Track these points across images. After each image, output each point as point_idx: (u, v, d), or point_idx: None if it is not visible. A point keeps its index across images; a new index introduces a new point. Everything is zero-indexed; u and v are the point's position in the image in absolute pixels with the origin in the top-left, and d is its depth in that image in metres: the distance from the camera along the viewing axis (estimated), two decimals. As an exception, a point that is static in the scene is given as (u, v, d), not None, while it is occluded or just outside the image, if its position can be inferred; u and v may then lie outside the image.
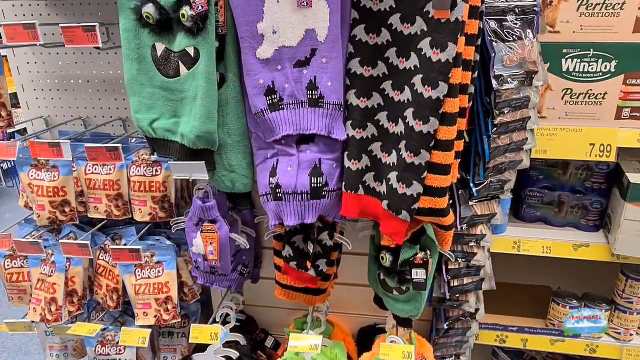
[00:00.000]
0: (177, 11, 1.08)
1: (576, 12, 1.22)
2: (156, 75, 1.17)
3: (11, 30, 1.12)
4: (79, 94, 1.60)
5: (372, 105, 1.13)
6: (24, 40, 1.13)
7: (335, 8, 1.06)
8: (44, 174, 1.44)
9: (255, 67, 1.11)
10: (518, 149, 1.25)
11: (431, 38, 0.98)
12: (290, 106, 1.13)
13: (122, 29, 1.15)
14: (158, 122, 1.20)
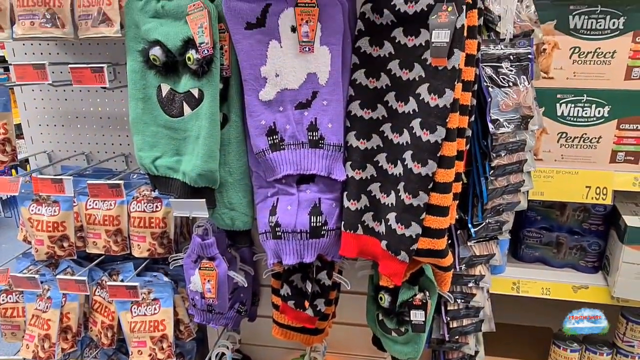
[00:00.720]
0: (184, 54, 1.11)
1: (569, 59, 1.26)
2: (160, 115, 1.20)
3: (21, 70, 1.15)
4: (82, 130, 1.63)
5: (371, 147, 1.15)
6: (33, 79, 1.16)
7: (336, 53, 1.10)
8: (45, 208, 1.45)
9: (258, 108, 1.14)
10: (515, 191, 1.27)
11: (429, 84, 1.01)
12: (291, 147, 1.15)
13: (129, 70, 1.18)
14: (160, 160, 1.22)
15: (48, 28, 1.18)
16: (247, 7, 1.07)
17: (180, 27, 1.10)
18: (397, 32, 1.06)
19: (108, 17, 1.16)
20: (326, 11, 1.06)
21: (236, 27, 1.08)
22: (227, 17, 1.08)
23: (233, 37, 1.09)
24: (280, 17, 1.08)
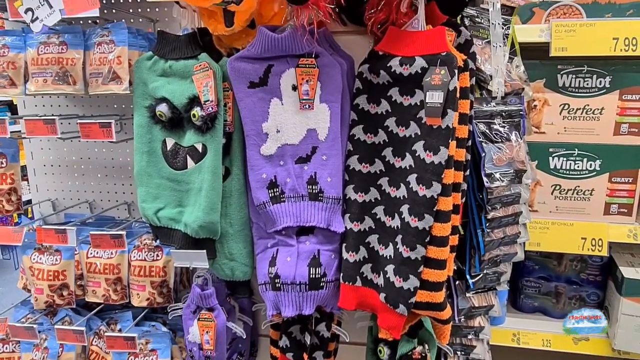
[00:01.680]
0: (189, 111, 1.16)
1: (559, 115, 1.31)
2: (164, 167, 1.23)
3: (32, 124, 1.20)
4: (86, 178, 1.66)
5: (369, 200, 1.18)
6: (43, 133, 1.20)
7: (335, 110, 1.14)
8: (46, 257, 1.46)
9: (259, 162, 1.18)
10: (512, 242, 1.29)
11: (424, 141, 1.05)
12: (291, 199, 1.18)
13: (136, 125, 1.23)
14: (163, 211, 1.25)
15: (60, 85, 1.23)
16: (251, 68, 1.12)
17: (187, 85, 1.16)
18: (393, 91, 1.11)
19: (118, 75, 1.21)
20: (326, 71, 1.12)
21: (240, 86, 1.13)
22: (231, 76, 1.13)
23: (236, 95, 1.14)
24: (282, 77, 1.13)
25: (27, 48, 1.24)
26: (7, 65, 1.24)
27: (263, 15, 1.14)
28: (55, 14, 1.11)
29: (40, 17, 1.12)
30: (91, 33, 1.24)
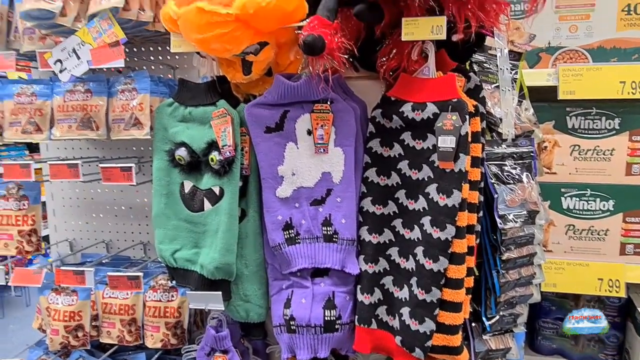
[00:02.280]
0: (207, 155, 1.20)
1: (570, 156, 1.33)
2: (182, 210, 1.26)
3: (55, 168, 1.24)
4: (103, 219, 1.70)
5: (383, 241, 1.19)
6: (66, 177, 1.24)
7: (349, 154, 1.17)
8: (63, 297, 1.48)
9: (275, 204, 1.20)
10: (527, 283, 1.28)
11: (437, 184, 1.07)
12: (306, 241, 1.20)
13: (155, 168, 1.26)
14: (179, 253, 1.27)
15: (84, 130, 1.28)
16: (268, 113, 1.16)
17: (205, 130, 1.20)
18: (405, 135, 1.14)
19: (139, 121, 1.26)
20: (340, 116, 1.15)
21: (257, 131, 1.17)
22: (248, 122, 1.17)
23: (253, 139, 1.18)
24: (297, 122, 1.17)
25: (54, 96, 1.30)
26: (35, 112, 1.30)
27: (279, 63, 1.19)
28: (83, 65, 1.18)
29: (69, 68, 1.19)
30: (115, 81, 1.30)
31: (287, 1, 1.01)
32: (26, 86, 1.31)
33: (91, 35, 1.15)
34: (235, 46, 1.05)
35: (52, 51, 1.19)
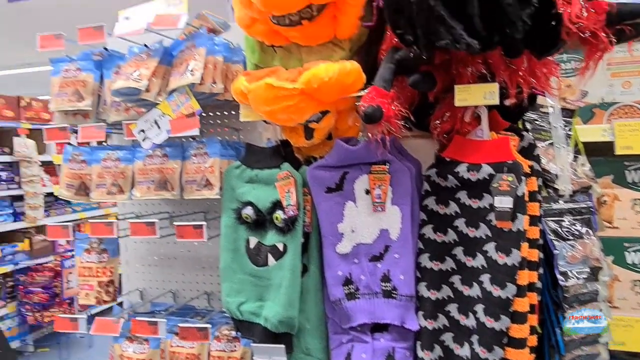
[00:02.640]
0: (271, 214, 1.29)
1: (631, 210, 1.31)
2: (247, 264, 1.34)
3: (135, 226, 1.36)
4: (171, 269, 1.81)
5: (442, 297, 1.21)
6: (144, 234, 1.36)
7: (406, 212, 1.22)
8: (135, 345, 1.58)
9: (335, 260, 1.26)
10: (594, 342, 1.25)
11: (496, 243, 1.09)
12: (366, 296, 1.24)
13: (223, 225, 1.36)
14: (245, 305, 1.34)
15: (160, 191, 1.41)
16: (328, 175, 1.24)
17: (270, 191, 1.29)
18: (461, 194, 1.18)
19: (210, 182, 1.38)
20: (396, 176, 1.22)
21: (318, 191, 1.25)
22: (310, 183, 1.26)
23: (315, 199, 1.26)
24: (355, 182, 1.24)
25: (135, 160, 1.45)
26: (118, 176, 1.45)
27: (339, 128, 1.27)
28: (162, 134, 1.31)
29: (150, 137, 1.33)
30: (188, 146, 1.43)
31: (347, 75, 1.11)
32: (112, 152, 1.47)
33: (171, 107, 1.30)
34: (300, 116, 1.15)
35: (137, 122, 1.34)
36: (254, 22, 1.25)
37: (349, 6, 1.18)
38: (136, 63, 1.34)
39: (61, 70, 1.50)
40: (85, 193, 1.50)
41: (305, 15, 1.17)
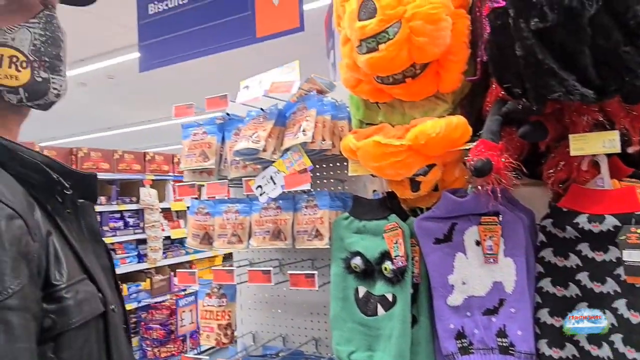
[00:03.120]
0: (380, 264, 1.32)
1: None
2: (356, 313, 1.38)
3: (253, 274, 1.47)
4: (282, 314, 1.90)
5: (566, 356, 1.13)
6: (261, 281, 1.47)
7: (521, 264, 1.18)
8: (250, 388, 1.66)
9: (446, 312, 1.24)
10: None
11: (627, 300, 1.01)
12: (480, 351, 1.20)
13: (333, 274, 1.42)
14: (355, 354, 1.36)
15: (274, 241, 1.52)
16: (436, 226, 1.26)
17: (378, 242, 1.33)
18: (582, 246, 1.12)
19: (320, 232, 1.46)
20: (508, 227, 1.19)
21: (426, 242, 1.27)
22: (418, 234, 1.27)
23: (423, 250, 1.27)
24: (465, 234, 1.23)
25: (252, 213, 1.58)
26: (237, 226, 1.59)
27: (445, 180, 1.29)
28: (277, 189, 1.43)
29: (267, 192, 1.45)
30: (299, 199, 1.54)
31: (454, 130, 1.14)
32: (232, 205, 1.62)
33: (285, 165, 1.41)
34: (408, 171, 1.19)
35: (254, 179, 1.47)
36: (359, 83, 1.34)
37: (452, 62, 1.22)
38: (254, 125, 1.50)
39: (190, 134, 1.72)
40: (209, 242, 1.66)
41: (408, 73, 1.23)
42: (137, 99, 8.08)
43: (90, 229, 0.85)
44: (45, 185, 0.76)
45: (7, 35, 0.76)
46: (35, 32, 0.78)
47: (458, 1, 1.22)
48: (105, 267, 0.86)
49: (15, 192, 0.69)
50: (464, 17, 1.22)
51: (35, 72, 0.78)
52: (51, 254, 0.71)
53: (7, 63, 0.76)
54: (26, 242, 0.66)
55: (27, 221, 0.67)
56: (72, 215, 0.81)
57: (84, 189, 0.83)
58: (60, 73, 0.83)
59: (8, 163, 0.74)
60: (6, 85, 0.76)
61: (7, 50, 0.76)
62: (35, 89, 0.79)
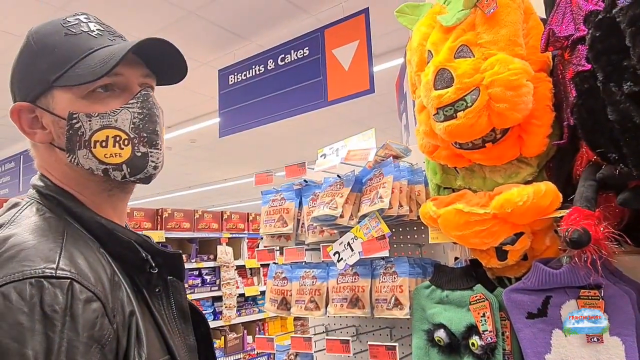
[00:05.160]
0: (466, 338, 1.24)
1: None
2: (442, 390, 1.28)
3: (330, 343, 1.44)
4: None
5: None
6: (339, 352, 1.43)
7: (630, 344, 1.05)
8: None
9: (545, 397, 1.12)
10: None
11: None
12: None
13: (415, 346, 1.35)
14: None
15: (352, 309, 1.49)
16: (528, 299, 1.17)
17: (463, 314, 1.26)
18: None
19: (399, 301, 1.41)
20: (612, 302, 1.08)
21: (517, 316, 1.18)
22: (508, 307, 1.19)
23: (515, 325, 1.18)
24: (562, 308, 1.13)
25: (329, 279, 1.58)
26: (314, 292, 1.58)
27: (535, 248, 1.21)
28: (355, 256, 1.42)
29: (344, 258, 1.44)
30: (377, 265, 1.51)
31: (542, 198, 1.08)
32: (309, 270, 1.62)
33: (362, 231, 1.41)
34: (493, 240, 1.14)
35: (332, 245, 1.48)
36: (436, 149, 1.33)
37: (535, 127, 1.18)
38: (331, 192, 1.52)
39: (269, 200, 1.78)
40: (286, 308, 1.67)
41: (488, 138, 1.20)
42: (216, 160, 8.60)
43: (180, 308, 0.87)
44: (137, 263, 0.81)
45: (111, 117, 0.82)
46: (134, 112, 0.84)
47: (538, 65, 1.20)
48: (192, 347, 0.87)
49: (99, 273, 0.71)
50: (545, 80, 1.19)
51: (136, 148, 0.84)
52: (132, 335, 0.72)
53: (111, 143, 0.82)
54: (101, 325, 0.67)
55: (105, 303, 0.69)
56: (163, 293, 0.84)
57: (172, 267, 0.87)
58: (157, 146, 0.87)
59: (108, 241, 0.79)
60: (112, 163, 0.82)
61: (112, 131, 0.82)
62: (136, 163, 0.84)
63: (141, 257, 0.81)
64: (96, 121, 0.82)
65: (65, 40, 0.82)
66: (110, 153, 0.82)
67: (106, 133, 0.82)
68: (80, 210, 0.81)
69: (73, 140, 0.82)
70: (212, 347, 1.02)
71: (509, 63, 1.12)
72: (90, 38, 0.83)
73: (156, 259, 0.83)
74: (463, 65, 1.15)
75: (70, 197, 0.83)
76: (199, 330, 1.00)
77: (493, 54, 1.15)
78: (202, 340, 1.00)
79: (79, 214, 0.80)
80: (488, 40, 1.17)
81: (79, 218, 0.80)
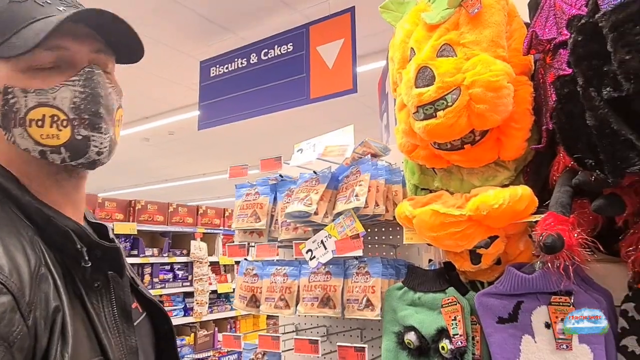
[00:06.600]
0: (436, 342, 1.22)
1: None
2: (410, 395, 1.26)
3: (299, 342, 1.40)
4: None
5: None
6: (308, 352, 1.39)
7: (599, 353, 1.05)
8: None
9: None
10: None
11: None
12: None
13: (384, 349, 1.33)
14: None
15: (323, 308, 1.46)
16: (499, 304, 1.15)
17: (435, 316, 1.24)
18: (674, 337, 0.98)
19: (371, 302, 1.38)
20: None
21: (488, 321, 1.16)
22: (479, 311, 1.17)
23: (485, 330, 1.16)
24: (532, 314, 1.12)
25: (301, 276, 1.54)
26: (285, 290, 1.54)
27: (509, 253, 1.20)
28: (328, 254, 1.39)
29: (317, 256, 1.41)
30: (350, 264, 1.48)
31: (518, 201, 1.06)
32: (281, 267, 1.59)
33: (337, 229, 1.38)
34: (468, 242, 1.12)
35: (305, 243, 1.44)
36: (415, 148, 1.31)
37: (514, 130, 1.17)
38: (307, 188, 1.48)
39: (243, 194, 1.73)
40: (255, 305, 1.62)
41: (467, 140, 1.19)
42: (194, 154, 8.47)
43: (121, 306, 0.79)
44: (72, 254, 0.74)
45: (49, 94, 0.75)
46: (75, 90, 0.76)
47: (520, 67, 1.19)
48: (132, 348, 0.78)
49: (17, 263, 0.65)
50: (526, 83, 1.18)
51: (75, 130, 0.76)
52: (56, 332, 0.65)
53: (48, 123, 0.75)
54: (9, 320, 0.60)
55: (18, 297, 0.62)
56: (103, 289, 0.76)
57: (111, 262, 0.79)
58: (101, 130, 0.78)
59: (45, 229, 0.73)
60: (49, 145, 0.75)
61: (49, 109, 0.75)
62: (76, 147, 0.76)
63: (76, 249, 0.73)
64: (32, 98, 0.74)
65: (7, 7, 0.75)
66: (46, 134, 0.75)
67: (42, 112, 0.74)
68: (19, 193, 0.74)
69: (8, 116, 0.75)
70: (175, 346, 0.97)
71: (491, 64, 1.11)
72: (36, 6, 0.76)
73: (95, 251, 0.75)
74: (445, 64, 1.13)
75: (12, 178, 0.75)
76: (162, 328, 0.95)
77: (475, 54, 1.13)
78: (164, 339, 0.95)
79: (17, 197, 0.73)
80: (471, 40, 1.15)
81: (16, 201, 0.73)
